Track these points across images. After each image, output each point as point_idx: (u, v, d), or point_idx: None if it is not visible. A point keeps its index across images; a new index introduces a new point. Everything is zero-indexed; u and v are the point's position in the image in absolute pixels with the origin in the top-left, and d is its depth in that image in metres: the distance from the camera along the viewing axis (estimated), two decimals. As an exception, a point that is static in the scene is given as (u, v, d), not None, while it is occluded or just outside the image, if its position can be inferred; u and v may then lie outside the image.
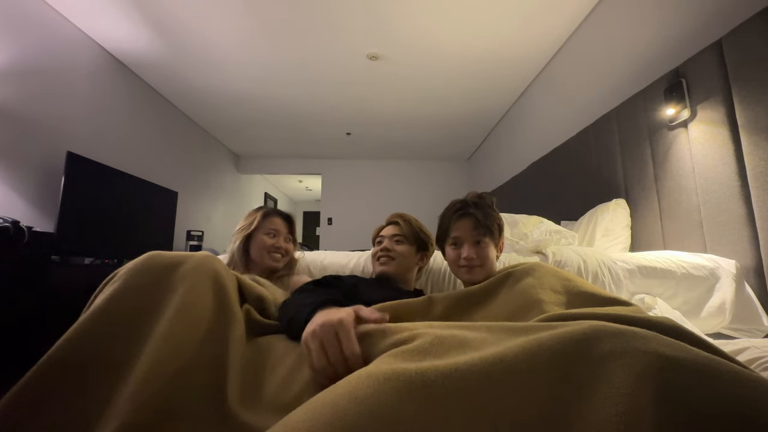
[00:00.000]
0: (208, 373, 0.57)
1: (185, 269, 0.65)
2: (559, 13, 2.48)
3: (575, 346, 0.41)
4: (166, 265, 0.65)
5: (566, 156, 2.51)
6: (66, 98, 2.55)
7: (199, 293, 0.63)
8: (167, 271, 0.64)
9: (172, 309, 0.59)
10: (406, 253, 1.15)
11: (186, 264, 0.66)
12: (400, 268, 1.14)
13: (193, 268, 0.65)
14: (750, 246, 1.25)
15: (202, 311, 0.62)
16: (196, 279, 0.64)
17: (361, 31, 2.72)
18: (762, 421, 0.34)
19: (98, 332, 0.57)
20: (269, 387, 0.59)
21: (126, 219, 2.74)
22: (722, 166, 1.34)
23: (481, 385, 0.40)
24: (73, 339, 0.56)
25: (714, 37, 1.38)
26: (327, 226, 5.85)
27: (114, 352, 0.56)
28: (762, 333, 1.21)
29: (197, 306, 0.62)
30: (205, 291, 0.64)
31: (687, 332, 0.48)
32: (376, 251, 1.17)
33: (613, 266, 1.28)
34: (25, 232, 1.77)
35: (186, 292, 0.62)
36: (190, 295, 0.62)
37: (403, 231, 1.17)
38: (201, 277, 0.65)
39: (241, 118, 4.35)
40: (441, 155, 5.81)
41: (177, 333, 0.57)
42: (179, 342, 0.57)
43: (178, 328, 0.58)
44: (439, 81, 3.44)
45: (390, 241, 1.16)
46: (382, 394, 0.39)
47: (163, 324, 0.58)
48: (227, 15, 2.53)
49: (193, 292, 0.62)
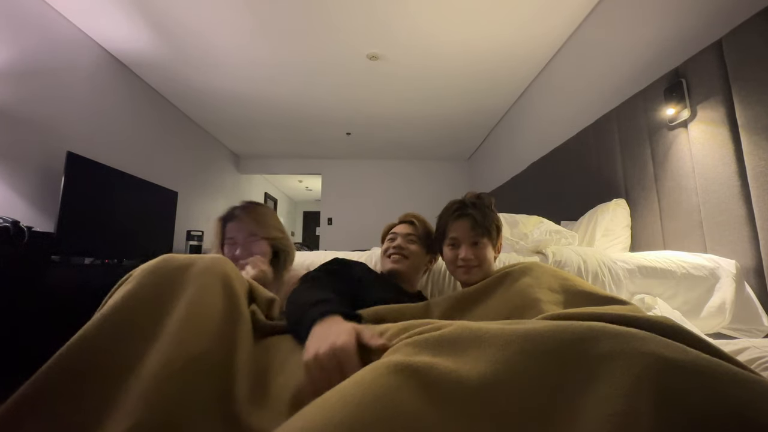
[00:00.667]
0: (217, 373, 0.57)
1: (195, 270, 0.66)
2: (559, 13, 2.48)
3: (573, 346, 0.42)
4: (177, 267, 0.66)
5: (566, 156, 2.51)
6: (66, 98, 2.55)
7: (208, 293, 0.64)
8: (178, 272, 0.65)
9: (182, 309, 0.60)
10: (418, 254, 1.15)
11: (196, 265, 0.67)
12: (410, 267, 1.13)
13: (203, 269, 0.66)
14: (750, 246, 1.25)
15: (211, 311, 0.63)
16: (206, 280, 0.65)
17: (361, 32, 2.72)
18: (761, 423, 0.34)
19: (111, 330, 0.57)
20: (276, 388, 0.59)
21: (126, 219, 2.74)
22: (722, 166, 1.34)
23: (480, 385, 0.40)
24: (86, 337, 0.56)
25: (714, 37, 1.38)
26: (327, 226, 5.85)
27: (124, 350, 0.56)
28: (762, 333, 1.21)
29: (206, 306, 0.62)
30: (215, 292, 0.65)
31: (686, 332, 0.48)
32: (388, 248, 1.16)
33: (613, 266, 1.28)
34: (25, 232, 1.78)
35: (195, 292, 0.62)
36: (200, 296, 0.62)
37: (417, 231, 1.17)
38: (211, 278, 0.66)
39: (241, 118, 4.35)
40: (441, 155, 5.81)
41: (186, 333, 0.57)
42: (188, 342, 0.57)
43: (187, 328, 0.58)
44: (439, 81, 3.44)
45: (404, 240, 1.15)
46: (390, 386, 0.40)
47: (173, 324, 0.58)
48: (227, 15, 2.53)
49: (202, 293, 0.63)
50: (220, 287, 0.66)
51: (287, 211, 9.04)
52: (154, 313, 0.60)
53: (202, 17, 2.54)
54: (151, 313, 0.60)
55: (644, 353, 0.38)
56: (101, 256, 2.50)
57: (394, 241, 1.16)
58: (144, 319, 0.59)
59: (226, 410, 0.54)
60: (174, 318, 0.59)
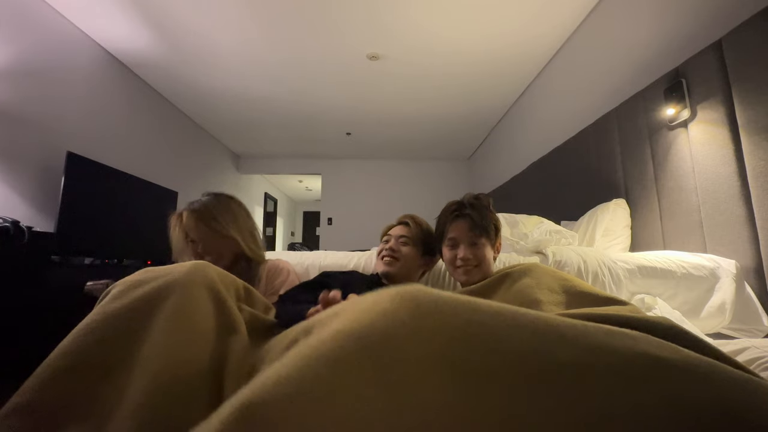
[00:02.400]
0: (206, 380, 0.57)
1: (176, 279, 0.64)
2: (559, 13, 2.47)
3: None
4: (156, 277, 0.64)
5: (566, 156, 2.51)
6: (66, 98, 2.55)
7: (191, 301, 0.62)
8: (158, 282, 0.63)
9: (163, 320, 0.58)
10: (410, 256, 1.15)
11: (176, 274, 0.65)
12: (402, 269, 1.13)
13: (184, 277, 0.64)
14: (750, 246, 1.25)
15: (195, 319, 0.61)
16: (188, 288, 0.63)
17: (361, 31, 2.72)
18: (755, 423, 0.34)
19: (87, 345, 0.56)
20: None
21: (126, 219, 2.74)
22: (722, 166, 1.34)
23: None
24: (64, 352, 0.55)
25: (714, 37, 1.38)
26: (327, 226, 5.85)
27: (106, 366, 0.55)
28: (762, 333, 1.21)
29: (190, 314, 0.61)
30: (199, 298, 0.63)
31: (684, 332, 0.48)
32: (381, 249, 1.17)
33: (613, 266, 1.28)
34: (25, 232, 1.78)
35: (177, 302, 0.60)
36: (182, 304, 0.60)
37: (411, 233, 1.17)
38: (193, 285, 0.64)
39: (241, 118, 4.35)
40: (441, 155, 5.81)
41: (170, 344, 0.56)
42: (173, 355, 0.55)
43: (171, 339, 0.56)
44: (439, 81, 3.44)
45: (396, 242, 1.16)
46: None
47: (156, 336, 0.56)
48: (227, 15, 2.53)
49: (185, 301, 0.61)
50: (205, 293, 0.64)
51: (287, 211, 9.05)
52: (133, 331, 0.58)
53: (202, 17, 2.54)
54: (131, 330, 0.58)
55: (636, 353, 0.38)
56: (101, 256, 2.50)
57: (388, 243, 1.17)
58: (124, 336, 0.57)
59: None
60: (156, 330, 0.57)
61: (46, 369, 0.54)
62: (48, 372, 0.54)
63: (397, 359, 0.32)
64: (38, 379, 0.53)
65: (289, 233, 9.10)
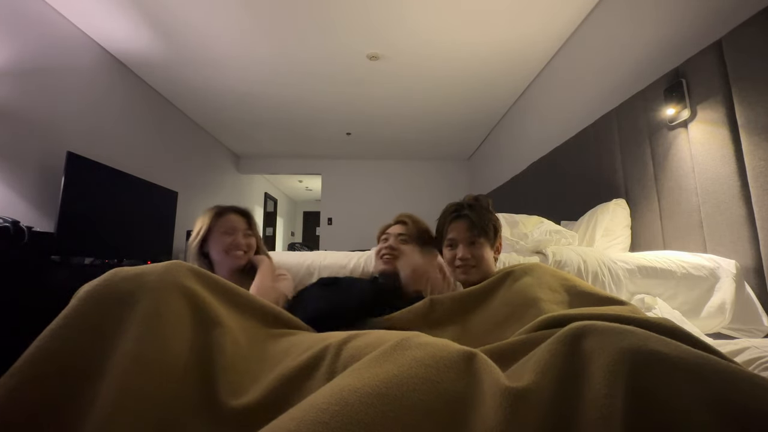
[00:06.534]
0: (194, 376, 0.56)
1: (148, 281, 0.61)
2: (559, 13, 2.47)
3: (562, 346, 0.43)
4: (127, 279, 0.61)
5: (566, 156, 2.51)
6: (66, 98, 2.55)
7: (165, 303, 0.60)
8: (128, 286, 0.60)
9: (136, 324, 0.56)
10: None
11: (149, 275, 0.62)
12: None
13: (156, 279, 0.62)
14: (750, 246, 1.25)
15: (171, 320, 0.59)
16: (161, 290, 0.60)
17: (361, 31, 2.72)
18: (748, 417, 0.34)
19: (56, 351, 0.54)
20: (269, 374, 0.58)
21: (126, 219, 2.74)
22: (722, 166, 1.34)
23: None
24: (32, 358, 0.53)
25: (714, 37, 1.38)
26: (327, 226, 5.85)
27: (74, 374, 0.53)
28: (762, 333, 1.21)
29: (164, 317, 0.58)
30: (173, 299, 0.61)
31: (682, 332, 0.48)
32: (380, 248, 1.18)
33: (613, 266, 1.28)
34: (25, 232, 1.78)
35: (150, 305, 0.58)
36: (155, 307, 0.58)
37: (410, 231, 1.18)
38: (166, 286, 0.61)
39: (241, 118, 4.35)
40: (441, 155, 5.81)
41: (145, 349, 0.54)
42: (149, 359, 0.53)
43: (145, 343, 0.54)
44: (439, 81, 3.44)
45: (395, 240, 1.17)
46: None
47: (128, 342, 0.54)
48: (227, 15, 2.53)
49: (158, 304, 0.59)
50: (179, 293, 0.62)
51: (287, 211, 9.05)
52: (103, 336, 0.56)
53: (202, 17, 2.54)
54: (100, 336, 0.56)
55: (622, 348, 0.38)
56: (101, 256, 2.50)
57: (387, 241, 1.18)
58: (93, 341, 0.55)
59: (210, 408, 0.53)
60: (128, 336, 0.55)
61: (11, 378, 0.51)
62: (14, 381, 0.51)
63: None
64: (3, 389, 0.50)
65: (289, 233, 9.11)
